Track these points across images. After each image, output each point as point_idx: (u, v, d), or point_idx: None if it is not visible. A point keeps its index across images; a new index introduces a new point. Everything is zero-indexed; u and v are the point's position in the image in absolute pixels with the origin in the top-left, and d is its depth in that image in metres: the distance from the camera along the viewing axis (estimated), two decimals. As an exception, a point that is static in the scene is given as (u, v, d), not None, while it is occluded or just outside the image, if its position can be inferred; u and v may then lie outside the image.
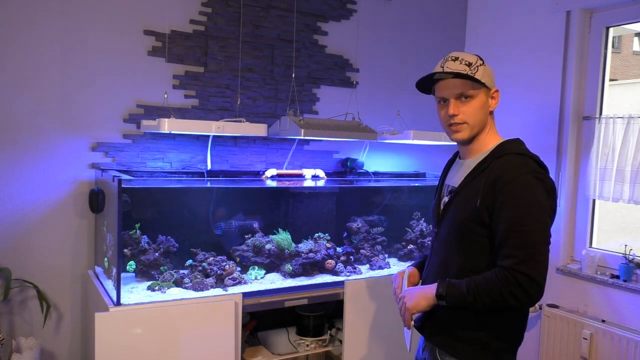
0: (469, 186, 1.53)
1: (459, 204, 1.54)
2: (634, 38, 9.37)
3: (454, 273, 1.53)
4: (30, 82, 2.34)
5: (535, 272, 1.38)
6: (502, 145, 1.56)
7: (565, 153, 3.01)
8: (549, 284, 3.05)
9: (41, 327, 2.39)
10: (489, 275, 1.43)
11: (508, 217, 1.41)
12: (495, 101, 1.58)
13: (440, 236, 1.62)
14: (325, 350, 2.60)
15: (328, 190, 2.97)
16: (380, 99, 3.27)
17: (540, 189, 1.43)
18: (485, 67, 1.55)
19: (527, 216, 1.40)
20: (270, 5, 2.85)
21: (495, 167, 1.48)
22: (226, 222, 2.66)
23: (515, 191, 1.42)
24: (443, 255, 1.59)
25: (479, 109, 1.55)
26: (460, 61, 1.53)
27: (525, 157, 1.50)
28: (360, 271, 2.67)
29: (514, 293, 1.38)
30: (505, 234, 1.41)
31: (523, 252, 1.38)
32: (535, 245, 1.40)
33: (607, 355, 2.72)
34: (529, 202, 1.41)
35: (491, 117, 1.61)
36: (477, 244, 1.49)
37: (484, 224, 1.47)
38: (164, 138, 2.62)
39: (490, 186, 1.46)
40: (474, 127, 1.57)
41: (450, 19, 3.55)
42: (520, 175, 1.43)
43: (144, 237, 2.40)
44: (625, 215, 4.87)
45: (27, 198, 2.36)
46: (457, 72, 1.52)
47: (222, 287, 2.32)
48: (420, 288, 1.58)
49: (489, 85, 1.56)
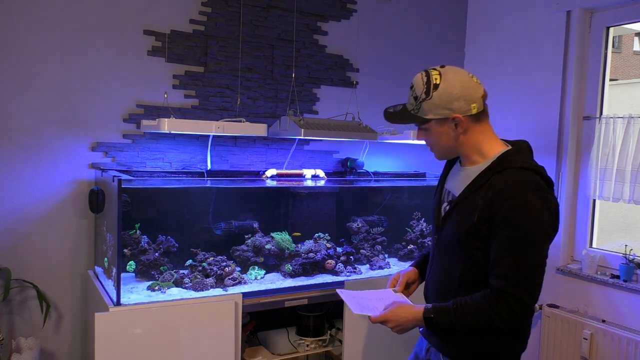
0: (467, 200, 1.48)
1: (457, 217, 1.49)
2: (634, 38, 9.37)
3: (455, 284, 1.51)
4: (30, 82, 2.34)
5: (527, 295, 1.37)
6: (504, 157, 1.47)
7: (565, 153, 3.01)
8: (549, 284, 3.06)
9: (41, 327, 2.39)
10: (477, 298, 1.42)
11: (505, 236, 1.37)
12: (461, 127, 1.46)
13: (440, 243, 1.58)
14: (325, 350, 2.60)
15: (328, 190, 2.97)
16: (380, 99, 3.27)
17: (541, 208, 1.38)
18: (436, 96, 1.44)
19: (525, 237, 1.36)
20: (270, 5, 2.84)
21: (495, 183, 1.42)
22: (226, 222, 2.66)
23: (514, 210, 1.36)
24: (445, 263, 1.57)
25: (436, 139, 1.51)
26: (412, 91, 1.50)
27: (529, 172, 1.43)
28: (360, 271, 2.67)
29: (502, 315, 1.38)
30: (501, 253, 1.38)
31: (517, 274, 1.36)
32: (530, 268, 1.37)
33: (607, 356, 2.71)
34: (528, 222, 1.36)
35: (477, 131, 1.49)
36: (476, 257, 1.45)
37: (482, 238, 1.43)
38: (164, 138, 2.62)
39: (489, 203, 1.40)
40: (442, 153, 1.57)
41: (450, 19, 3.55)
42: (522, 194, 1.37)
43: (144, 237, 2.40)
44: (625, 215, 4.87)
45: (27, 198, 2.36)
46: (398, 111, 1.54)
47: (222, 287, 2.32)
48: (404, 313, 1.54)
49: (442, 116, 1.46)
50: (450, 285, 1.52)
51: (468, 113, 1.45)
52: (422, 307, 1.51)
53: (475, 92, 1.46)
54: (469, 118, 1.46)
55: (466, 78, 1.47)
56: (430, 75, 1.46)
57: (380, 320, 1.55)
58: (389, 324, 1.53)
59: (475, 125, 1.48)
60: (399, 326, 1.53)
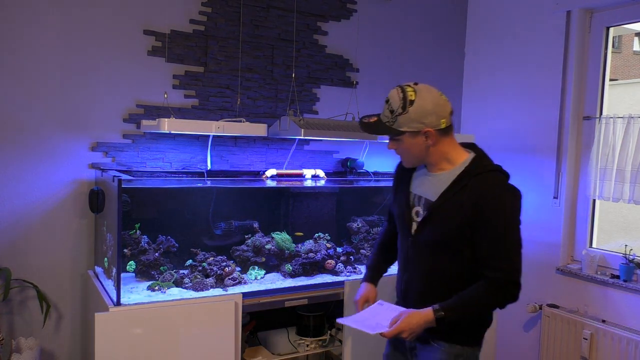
0: (449, 202, 1.64)
1: (440, 219, 1.65)
2: (634, 38, 9.37)
3: (445, 280, 1.68)
4: (30, 82, 2.34)
5: (519, 277, 1.61)
6: (476, 162, 1.67)
7: (565, 153, 3.01)
8: (550, 284, 3.06)
9: (41, 327, 2.39)
10: (481, 287, 1.61)
11: (493, 234, 1.59)
12: (431, 140, 1.64)
13: (419, 245, 1.72)
14: (325, 350, 2.60)
15: (328, 190, 2.97)
16: (380, 99, 3.22)
17: (515, 203, 1.62)
18: (412, 111, 1.61)
19: (510, 230, 1.60)
20: (270, 5, 2.84)
21: (475, 186, 1.61)
22: (226, 222, 2.66)
23: (497, 209, 1.58)
24: (429, 263, 1.71)
25: (406, 150, 1.70)
26: (388, 105, 1.67)
27: (497, 173, 1.67)
28: (360, 271, 2.67)
29: (506, 299, 1.61)
30: (492, 249, 1.60)
31: (509, 264, 1.60)
32: (517, 255, 1.61)
33: (607, 356, 2.72)
34: (510, 217, 1.60)
35: (445, 143, 1.67)
36: (463, 253, 1.64)
37: (466, 237, 1.62)
38: (164, 138, 2.62)
39: (473, 204, 1.59)
40: (411, 162, 1.75)
41: (450, 19, 3.55)
42: (501, 195, 1.60)
43: (144, 237, 2.40)
44: (625, 215, 4.87)
45: (27, 198, 2.36)
46: (374, 122, 1.71)
47: (222, 287, 2.32)
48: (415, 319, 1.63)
49: (415, 129, 1.63)
50: (440, 281, 1.68)
51: (438, 127, 1.63)
52: (429, 309, 1.62)
53: (444, 109, 1.64)
54: (438, 132, 1.64)
55: (437, 96, 1.64)
56: (406, 91, 1.63)
57: (396, 334, 1.64)
58: (403, 334, 1.63)
59: (443, 138, 1.66)
60: (412, 333, 1.64)
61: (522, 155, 3.21)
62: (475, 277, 1.63)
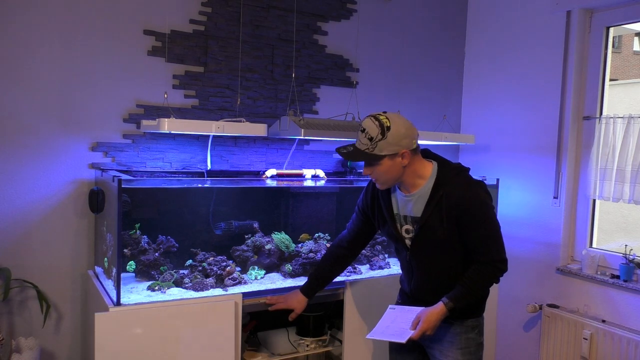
0: (434, 215, 1.87)
1: (431, 230, 1.88)
2: (634, 38, 9.37)
3: (452, 274, 1.93)
4: (30, 81, 2.34)
5: (505, 255, 1.91)
6: (440, 170, 1.91)
7: (565, 153, 3.01)
8: (550, 284, 3.06)
9: (41, 327, 2.38)
10: (477, 272, 1.88)
11: (478, 227, 1.86)
12: (406, 159, 1.84)
13: (418, 256, 1.97)
14: (325, 350, 2.60)
15: (328, 190, 2.97)
16: (380, 99, 3.27)
17: (485, 194, 1.89)
18: (389, 136, 1.79)
19: (490, 221, 1.88)
20: (270, 5, 2.84)
21: (448, 194, 1.85)
22: (226, 222, 2.66)
23: (475, 206, 1.84)
24: (434, 267, 1.97)
25: (384, 172, 1.86)
26: (365, 134, 1.82)
27: (461, 174, 1.92)
28: (360, 271, 2.67)
29: (498, 277, 1.90)
30: (479, 238, 1.87)
31: (496, 247, 1.89)
32: (499, 237, 1.90)
33: (607, 356, 2.72)
34: (486, 208, 1.87)
35: (416, 161, 1.89)
36: (457, 250, 1.91)
37: (456, 238, 1.88)
38: (164, 138, 2.62)
39: (454, 209, 1.84)
40: (388, 182, 1.91)
41: (450, 19, 3.55)
42: (474, 193, 1.86)
43: (144, 237, 2.39)
44: (625, 215, 4.87)
45: (27, 198, 2.36)
46: (353, 151, 1.85)
47: (222, 287, 2.31)
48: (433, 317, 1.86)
49: (393, 152, 1.82)
50: (448, 278, 1.93)
51: (411, 147, 1.85)
52: (441, 304, 1.87)
53: (414, 131, 1.87)
54: (411, 152, 1.85)
55: (405, 120, 1.87)
56: (380, 119, 1.82)
57: (421, 334, 1.84)
58: (427, 332, 1.85)
59: (414, 156, 1.88)
60: (433, 329, 1.86)
61: (522, 155, 3.21)
62: (467, 263, 1.91)
